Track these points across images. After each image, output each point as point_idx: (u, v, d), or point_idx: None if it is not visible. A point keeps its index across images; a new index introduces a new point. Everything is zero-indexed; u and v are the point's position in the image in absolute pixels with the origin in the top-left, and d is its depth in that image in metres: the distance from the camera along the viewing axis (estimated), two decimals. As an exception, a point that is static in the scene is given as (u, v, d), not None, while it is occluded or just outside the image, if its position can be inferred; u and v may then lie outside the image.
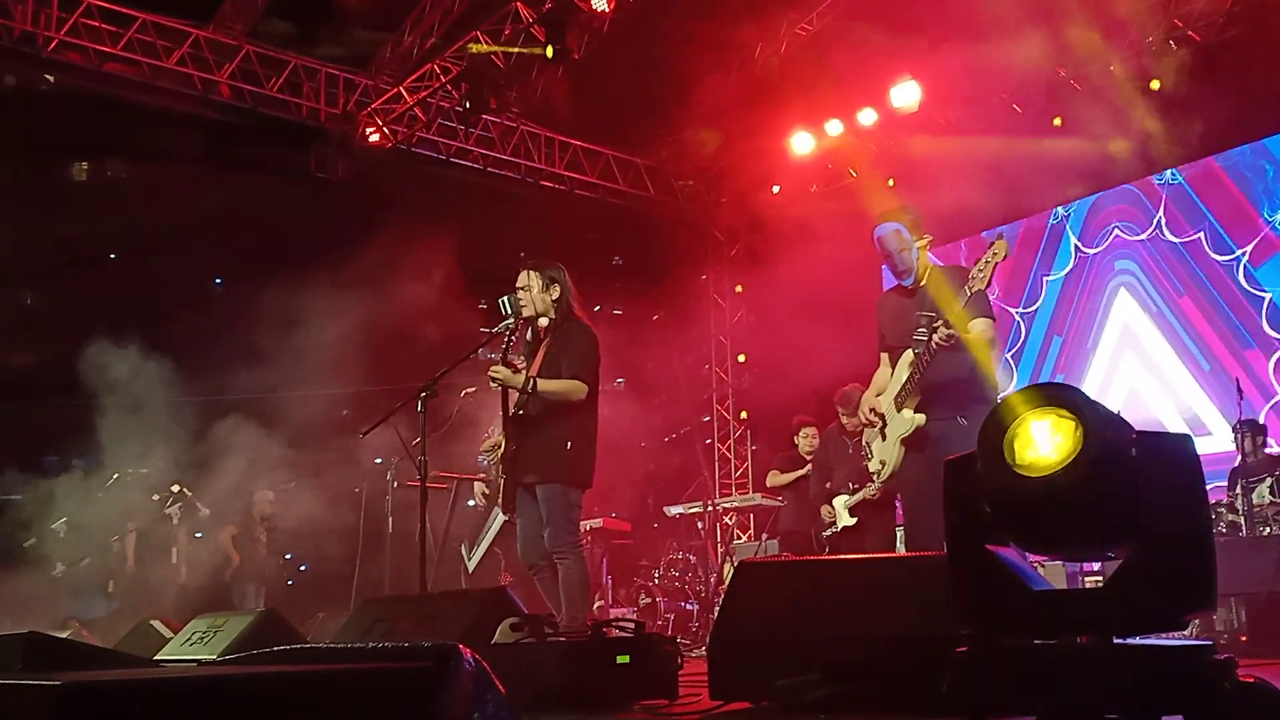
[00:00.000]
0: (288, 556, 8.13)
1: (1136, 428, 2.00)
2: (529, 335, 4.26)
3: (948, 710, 1.97)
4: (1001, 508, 2.00)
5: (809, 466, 6.47)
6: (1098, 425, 1.92)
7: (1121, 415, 2.04)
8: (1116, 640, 1.93)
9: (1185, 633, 3.76)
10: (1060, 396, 1.97)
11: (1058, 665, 1.90)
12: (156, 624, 4.00)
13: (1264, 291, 6.84)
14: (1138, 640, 1.95)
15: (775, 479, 6.85)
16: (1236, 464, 5.36)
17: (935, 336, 3.56)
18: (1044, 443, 1.94)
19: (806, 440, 6.65)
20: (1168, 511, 1.91)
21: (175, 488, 6.65)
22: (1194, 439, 2.04)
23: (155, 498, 6.83)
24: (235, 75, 7.90)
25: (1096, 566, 5.32)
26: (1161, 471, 1.92)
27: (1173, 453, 1.95)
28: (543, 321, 4.18)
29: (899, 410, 3.83)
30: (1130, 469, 1.92)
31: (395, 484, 5.40)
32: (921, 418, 3.76)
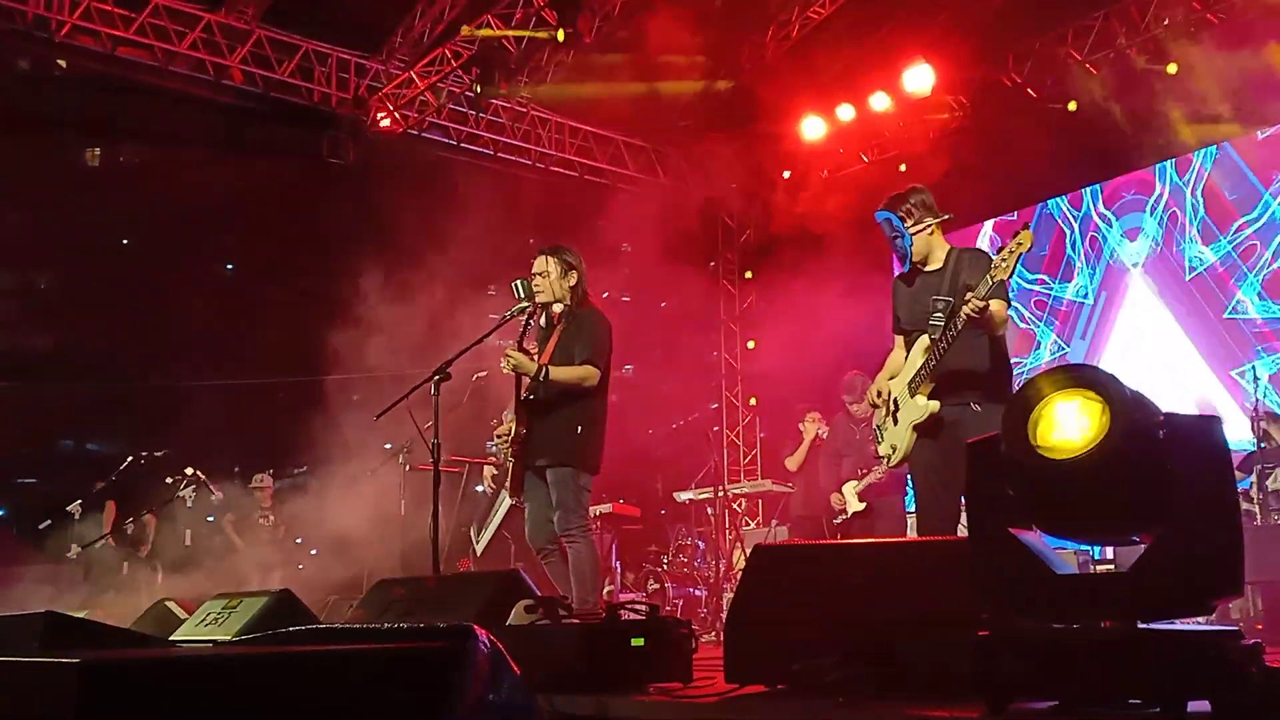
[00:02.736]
0: (298, 540, 8.16)
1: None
2: (543, 321, 4.25)
3: (969, 694, 1.96)
4: (1026, 490, 1.98)
5: (811, 436, 6.50)
6: (1125, 407, 1.89)
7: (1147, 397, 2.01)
8: (1141, 625, 1.91)
9: (1200, 620, 3.74)
10: (1087, 377, 1.94)
11: (1082, 650, 1.89)
12: (171, 605, 4.02)
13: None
14: (1163, 625, 1.93)
15: (792, 463, 6.86)
16: (1251, 451, 5.32)
17: (965, 309, 3.51)
18: (1070, 424, 1.92)
19: (813, 424, 6.64)
20: (1195, 495, 1.88)
21: (189, 471, 6.67)
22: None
23: (169, 480, 6.86)
24: (247, 60, 7.87)
25: (1109, 555, 5.29)
26: (1189, 454, 1.90)
27: (1201, 436, 1.92)
28: (556, 308, 4.17)
29: (912, 396, 3.80)
30: (1158, 451, 1.89)
31: (407, 468, 5.41)
32: (936, 404, 3.72)
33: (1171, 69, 6.69)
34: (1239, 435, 5.70)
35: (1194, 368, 7.15)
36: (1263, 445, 5.34)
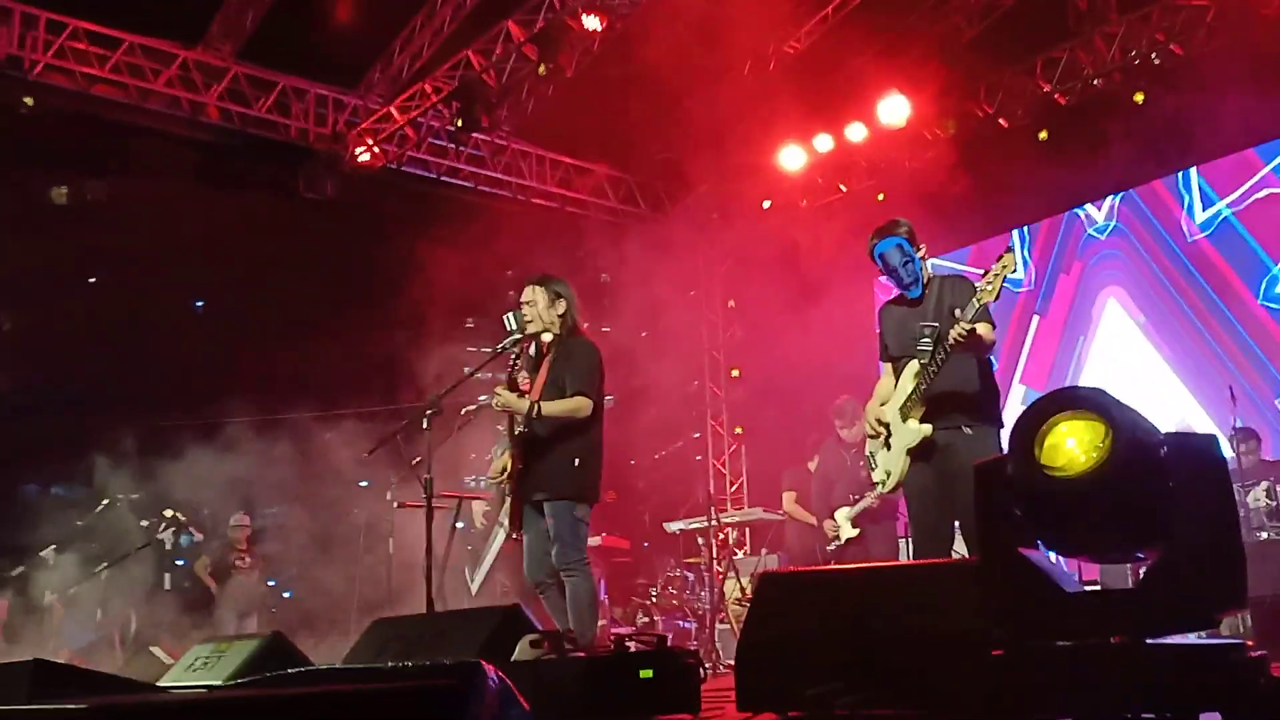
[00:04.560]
0: (271, 583, 8.01)
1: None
2: (532, 351, 4.25)
3: (983, 713, 1.97)
4: (1032, 509, 2.01)
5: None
6: (1127, 426, 1.94)
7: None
8: (1149, 640, 1.94)
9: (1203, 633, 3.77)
10: (1089, 399, 1.99)
11: (1093, 666, 1.91)
12: (156, 650, 3.93)
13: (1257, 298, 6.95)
14: (1170, 639, 1.96)
15: (792, 506, 6.73)
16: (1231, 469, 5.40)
17: (953, 332, 3.57)
18: (1074, 444, 1.96)
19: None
20: (1197, 511, 1.92)
21: (168, 513, 6.54)
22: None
23: (144, 523, 6.71)
24: (223, 96, 7.86)
25: (1097, 574, 5.34)
26: (1190, 471, 1.94)
27: (1201, 453, 1.97)
28: (546, 337, 4.16)
29: (904, 421, 3.84)
30: (1160, 469, 1.94)
31: (396, 504, 5.33)
32: (929, 428, 3.76)
33: (1139, 98, 6.89)
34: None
35: (1170, 387, 7.29)
36: (1242, 463, 5.43)
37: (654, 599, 7.40)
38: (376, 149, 8.27)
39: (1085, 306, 7.85)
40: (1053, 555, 2.27)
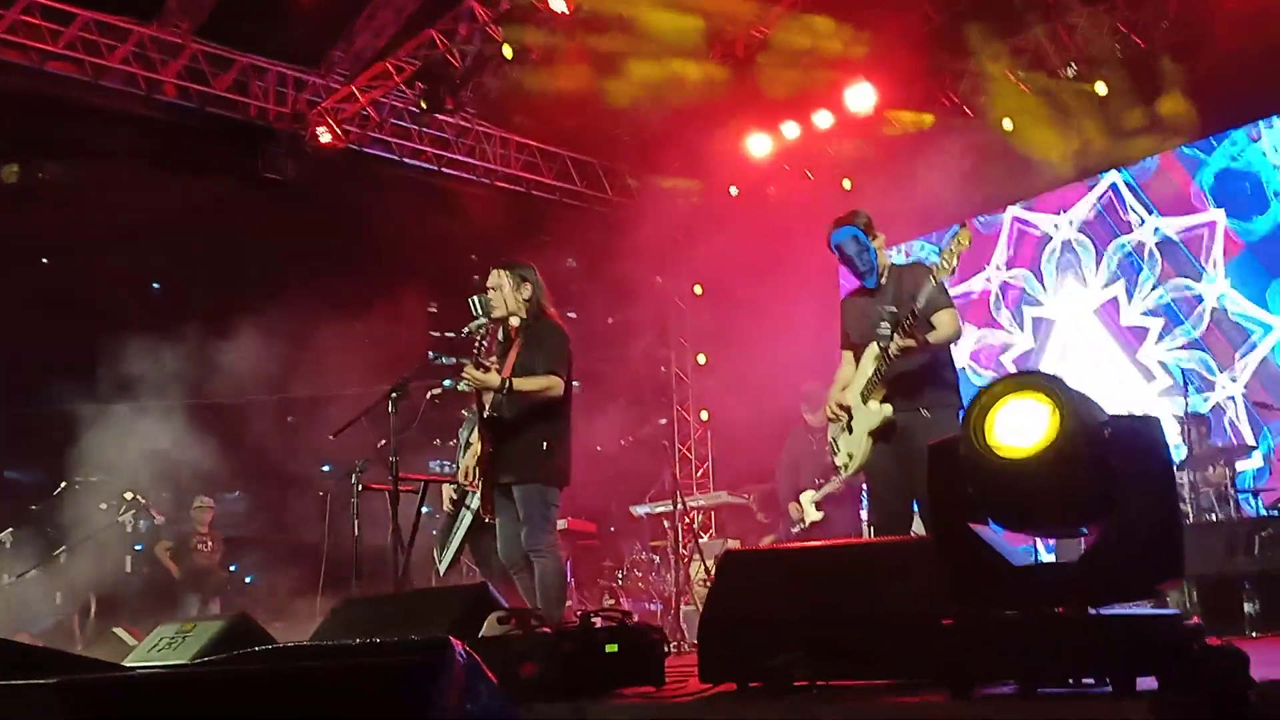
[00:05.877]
0: (232, 568, 7.95)
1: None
2: (500, 335, 4.27)
3: (935, 681, 2.06)
4: (983, 487, 2.09)
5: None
6: (1072, 409, 2.02)
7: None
8: (1092, 610, 2.03)
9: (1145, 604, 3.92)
10: (1038, 382, 2.07)
11: (1038, 635, 2.00)
12: (120, 631, 3.92)
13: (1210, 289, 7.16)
14: (1112, 610, 2.05)
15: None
16: (1184, 457, 5.57)
17: (890, 348, 3.68)
18: (1022, 426, 2.04)
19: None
20: (1139, 488, 2.01)
21: (128, 495, 6.45)
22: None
23: (103, 506, 6.62)
24: (181, 74, 7.71)
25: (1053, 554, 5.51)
26: (1132, 451, 2.03)
27: (1142, 434, 2.06)
28: (514, 321, 4.19)
29: (865, 403, 3.92)
30: (1104, 449, 2.02)
31: (360, 487, 5.31)
32: (889, 409, 3.85)
33: (1100, 88, 7.05)
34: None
35: (1124, 373, 7.50)
36: (1192, 450, 5.60)
37: (620, 582, 7.48)
38: (338, 129, 8.18)
39: (1046, 294, 8.03)
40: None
